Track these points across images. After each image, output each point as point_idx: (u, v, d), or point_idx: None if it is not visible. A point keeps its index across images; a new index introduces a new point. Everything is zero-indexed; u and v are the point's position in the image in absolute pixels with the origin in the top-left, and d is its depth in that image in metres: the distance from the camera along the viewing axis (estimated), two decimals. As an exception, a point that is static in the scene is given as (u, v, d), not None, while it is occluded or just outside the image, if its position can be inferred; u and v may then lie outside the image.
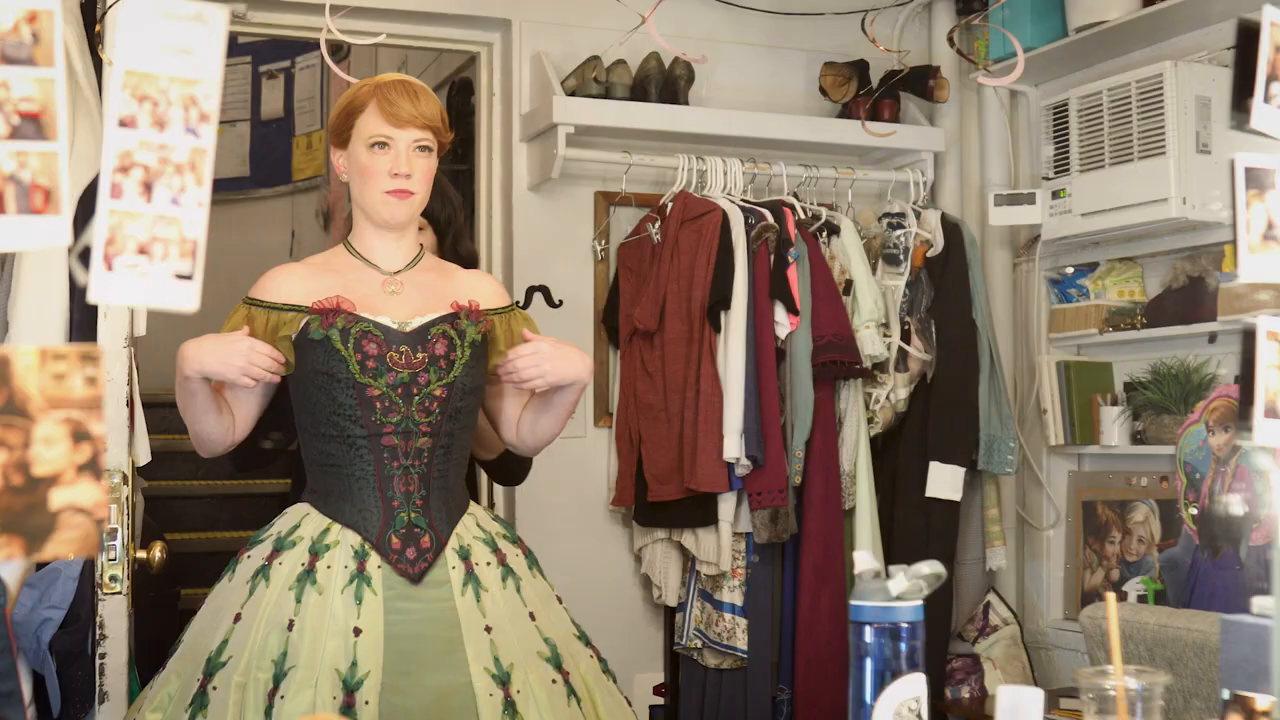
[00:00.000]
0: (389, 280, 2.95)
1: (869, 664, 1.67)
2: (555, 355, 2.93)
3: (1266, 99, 1.44)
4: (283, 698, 2.63)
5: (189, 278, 1.01)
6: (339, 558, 2.79)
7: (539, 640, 2.88)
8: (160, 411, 5.39)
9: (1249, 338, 1.39)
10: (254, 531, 2.98)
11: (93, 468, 0.92)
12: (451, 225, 3.58)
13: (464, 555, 2.87)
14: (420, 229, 3.46)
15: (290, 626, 2.71)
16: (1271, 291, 3.92)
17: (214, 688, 2.69)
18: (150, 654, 3.42)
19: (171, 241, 1.00)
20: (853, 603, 1.70)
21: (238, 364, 2.79)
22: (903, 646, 1.67)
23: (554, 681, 2.83)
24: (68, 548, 0.91)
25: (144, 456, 3.41)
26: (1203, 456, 4.16)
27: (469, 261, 3.54)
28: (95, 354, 0.92)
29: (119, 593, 3.24)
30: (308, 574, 2.77)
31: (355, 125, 2.91)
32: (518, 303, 3.15)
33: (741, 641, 4.35)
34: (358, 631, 2.71)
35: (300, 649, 2.68)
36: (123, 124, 0.99)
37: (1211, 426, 4.15)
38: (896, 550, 4.54)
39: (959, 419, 4.68)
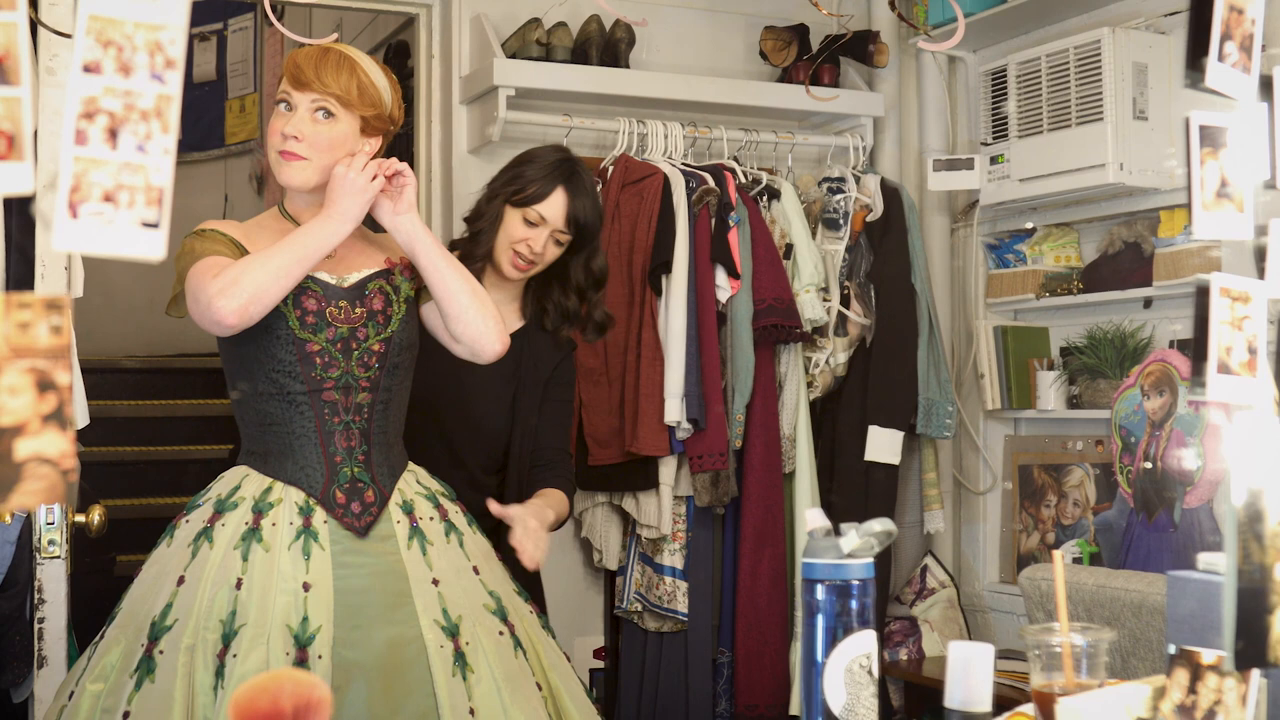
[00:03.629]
0: None
1: (820, 621, 1.67)
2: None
3: (1221, 58, 1.45)
4: (235, 656, 2.62)
5: (155, 226, 0.99)
6: (284, 515, 2.78)
7: (484, 593, 2.89)
8: (95, 376, 5.33)
9: (1203, 294, 1.41)
10: (192, 496, 2.96)
11: (58, 418, 0.91)
12: (595, 238, 3.53)
13: (407, 510, 2.87)
14: (559, 242, 3.44)
15: (238, 585, 2.69)
16: (1218, 251, 3.96)
17: (160, 652, 2.67)
18: (86, 619, 3.39)
19: (138, 189, 0.98)
20: (804, 560, 1.71)
21: (366, 192, 2.79)
22: (854, 604, 1.67)
23: (501, 633, 2.85)
24: (33, 499, 0.90)
25: (81, 419, 3.37)
26: (1138, 420, 4.20)
27: (600, 279, 3.54)
28: (61, 303, 0.90)
29: (57, 557, 3.21)
30: (253, 532, 2.75)
31: (279, 92, 2.90)
32: None
33: (682, 605, 4.37)
34: (307, 587, 2.70)
35: (249, 607, 2.67)
36: (87, 70, 0.97)
37: (1147, 391, 4.19)
38: (836, 513, 4.50)
39: (898, 383, 4.71)
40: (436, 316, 3.01)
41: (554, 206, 3.41)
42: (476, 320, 2.92)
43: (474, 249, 3.44)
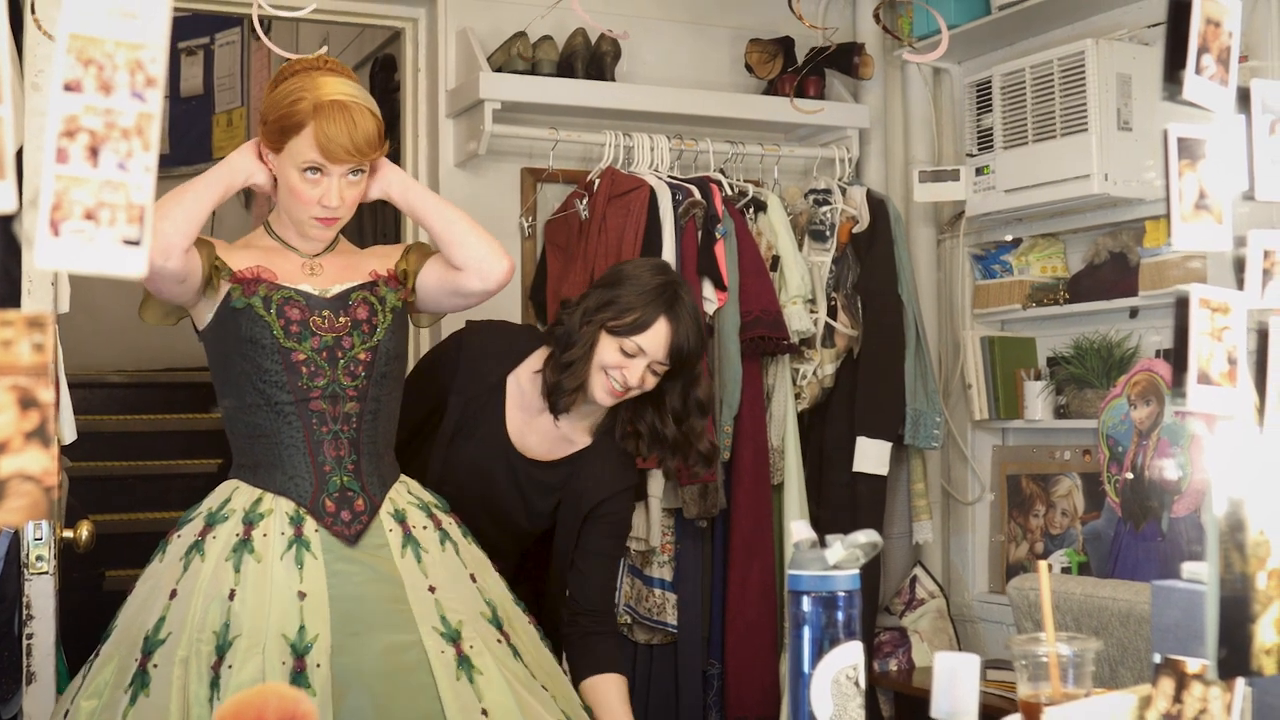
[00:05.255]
0: (307, 263, 2.96)
1: (807, 633, 1.67)
2: None
3: (1198, 70, 1.46)
4: (230, 667, 2.62)
5: (137, 243, 1.00)
6: (275, 525, 2.78)
7: (481, 601, 2.90)
8: (83, 391, 5.33)
9: (1182, 305, 1.42)
10: (180, 510, 2.96)
11: (41, 435, 0.91)
12: (696, 365, 3.31)
13: (400, 519, 2.88)
14: (655, 372, 3.22)
15: (231, 596, 2.70)
16: (1199, 261, 3.97)
17: (154, 665, 2.67)
18: (75, 635, 3.38)
19: (119, 207, 0.99)
20: (790, 572, 1.71)
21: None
22: (840, 615, 1.68)
23: (499, 641, 2.86)
24: (17, 515, 0.91)
25: (69, 435, 3.37)
26: (1125, 430, 4.21)
27: (703, 407, 3.33)
28: (43, 320, 0.91)
29: (45, 573, 3.20)
30: (244, 543, 2.76)
31: (289, 144, 2.82)
32: (411, 246, 3.13)
33: (672, 617, 4.36)
34: (302, 595, 2.71)
35: (243, 618, 2.67)
36: (68, 88, 0.98)
37: (1133, 400, 4.20)
38: (824, 525, 4.52)
39: (885, 394, 4.71)
40: (435, 274, 3.03)
41: (655, 338, 3.18)
42: (476, 244, 2.97)
43: (565, 379, 3.20)
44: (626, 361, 3.18)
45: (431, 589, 2.82)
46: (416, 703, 2.69)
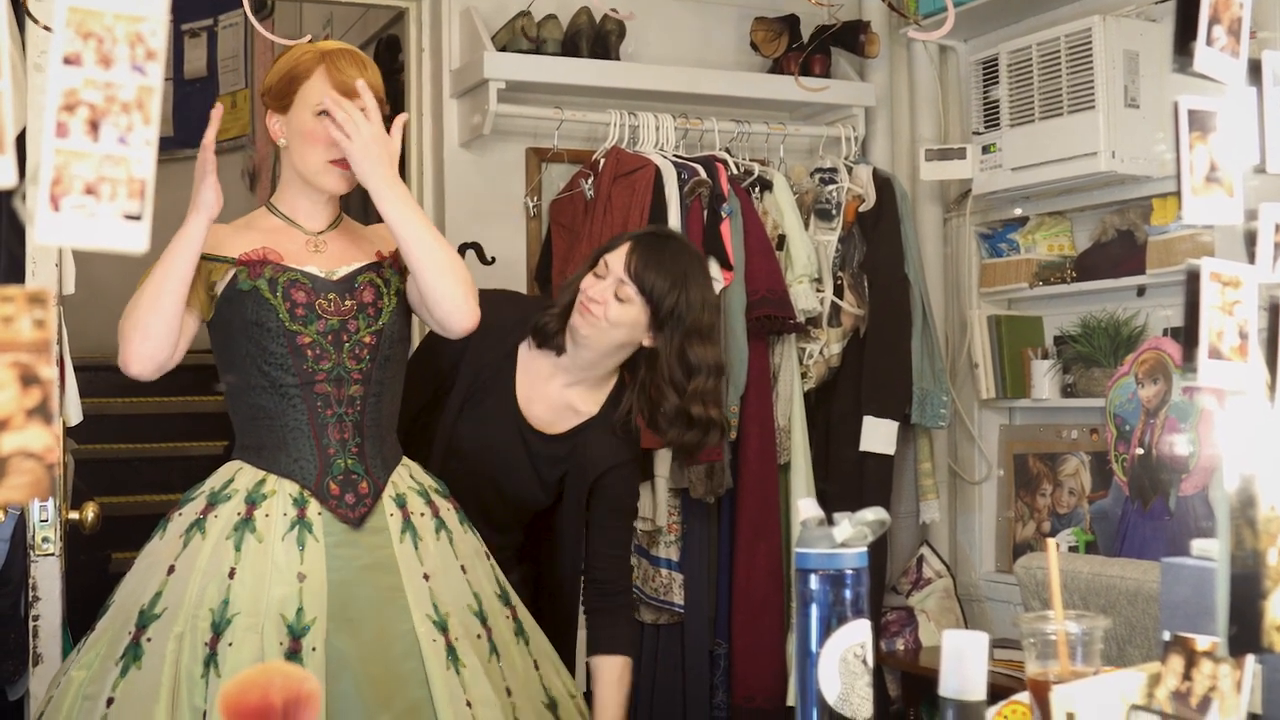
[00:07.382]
0: (311, 240, 2.94)
1: (814, 611, 1.67)
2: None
3: (1209, 42, 1.45)
4: (230, 645, 2.63)
5: (138, 218, 0.99)
6: (278, 506, 2.78)
7: (469, 594, 2.91)
8: (89, 374, 5.32)
9: (1193, 278, 1.41)
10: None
11: (43, 412, 0.90)
12: (679, 322, 3.21)
13: (400, 503, 2.88)
14: (620, 298, 3.17)
15: (231, 575, 2.70)
16: (1209, 236, 3.96)
17: (148, 639, 2.68)
18: (81, 617, 3.39)
19: (119, 182, 0.98)
20: (797, 550, 1.70)
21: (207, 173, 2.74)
22: (847, 593, 1.67)
23: (479, 636, 2.87)
24: (18, 493, 0.90)
25: (75, 416, 3.37)
26: (1132, 408, 4.20)
27: (693, 368, 3.21)
28: (44, 296, 0.90)
29: (51, 554, 3.21)
30: (245, 523, 2.76)
31: (300, 91, 2.85)
32: None
33: (678, 596, 4.36)
34: (302, 577, 2.71)
35: (242, 596, 2.68)
36: (67, 61, 0.97)
37: (1141, 379, 4.19)
38: (831, 504, 4.49)
39: (892, 373, 4.70)
40: (412, 291, 2.97)
41: (617, 256, 3.18)
42: (447, 292, 2.85)
43: (549, 322, 3.26)
44: (596, 281, 3.19)
45: (426, 576, 2.83)
46: (406, 690, 2.70)
